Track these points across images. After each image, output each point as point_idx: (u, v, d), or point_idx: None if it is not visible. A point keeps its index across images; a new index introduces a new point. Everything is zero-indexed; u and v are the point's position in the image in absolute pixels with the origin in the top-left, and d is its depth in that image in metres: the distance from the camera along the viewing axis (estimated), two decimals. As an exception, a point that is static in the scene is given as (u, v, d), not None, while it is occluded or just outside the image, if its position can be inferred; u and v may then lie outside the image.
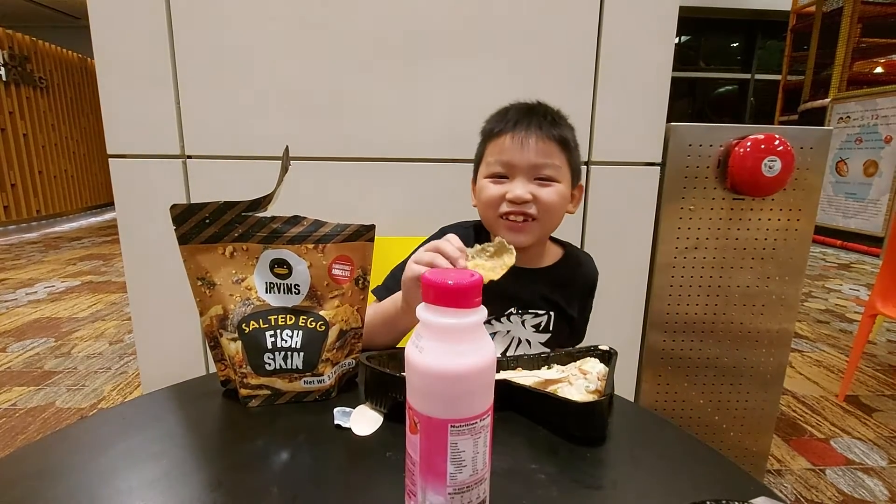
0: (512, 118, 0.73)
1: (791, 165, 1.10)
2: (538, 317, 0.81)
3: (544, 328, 0.81)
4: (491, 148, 0.75)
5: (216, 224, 0.55)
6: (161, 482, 0.43)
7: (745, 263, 1.21)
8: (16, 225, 5.45)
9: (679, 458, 0.50)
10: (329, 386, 0.58)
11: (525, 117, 0.73)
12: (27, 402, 1.81)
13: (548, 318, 0.81)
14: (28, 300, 3.00)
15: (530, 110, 0.74)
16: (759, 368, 1.27)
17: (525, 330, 0.80)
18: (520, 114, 0.73)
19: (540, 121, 0.72)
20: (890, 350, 2.43)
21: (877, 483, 1.41)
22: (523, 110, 0.74)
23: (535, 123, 0.72)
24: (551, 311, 0.81)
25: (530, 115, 0.73)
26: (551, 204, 0.72)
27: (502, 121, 0.74)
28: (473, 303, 0.34)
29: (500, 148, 0.73)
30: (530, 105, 0.76)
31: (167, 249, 0.61)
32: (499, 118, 0.75)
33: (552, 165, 0.72)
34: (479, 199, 0.76)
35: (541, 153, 0.71)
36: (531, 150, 0.71)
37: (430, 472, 0.34)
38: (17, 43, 5.44)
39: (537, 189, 0.72)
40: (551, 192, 0.72)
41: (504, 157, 0.72)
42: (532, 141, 0.71)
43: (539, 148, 0.71)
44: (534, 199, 0.71)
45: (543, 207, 0.72)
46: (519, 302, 0.79)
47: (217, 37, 1.02)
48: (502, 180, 0.73)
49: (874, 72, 5.07)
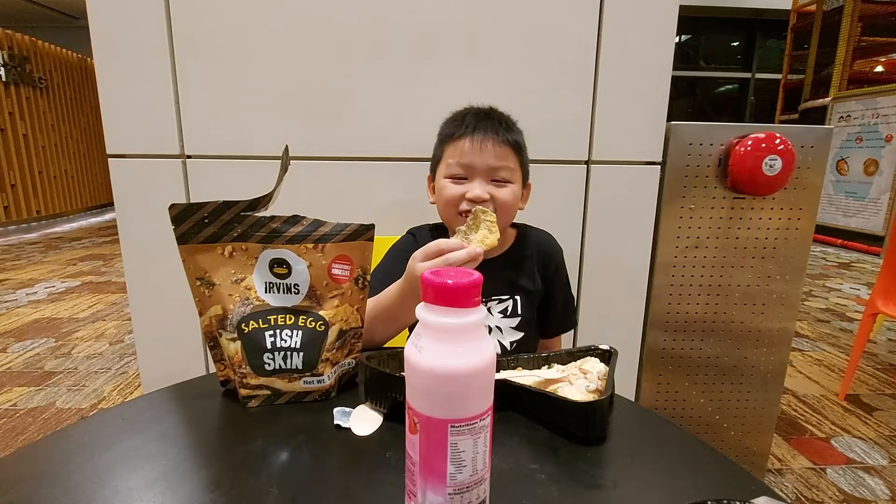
0: (470, 123, 0.78)
1: (791, 164, 1.10)
2: (503, 302, 0.85)
3: (512, 312, 0.85)
4: (450, 150, 0.80)
5: (215, 224, 0.55)
6: (161, 482, 0.43)
7: (745, 262, 1.21)
8: (16, 225, 5.45)
9: (679, 457, 0.50)
10: (329, 386, 0.58)
11: (482, 122, 0.78)
12: (27, 403, 1.81)
13: (513, 303, 0.85)
14: (28, 300, 3.00)
15: (487, 116, 0.80)
16: (760, 368, 1.26)
17: (493, 317, 0.84)
18: (477, 119, 0.79)
19: (496, 126, 0.78)
20: (890, 349, 2.43)
21: (878, 482, 1.41)
22: (480, 116, 0.80)
23: (491, 129, 0.78)
24: (516, 296, 0.85)
25: (487, 120, 0.79)
26: (506, 203, 0.79)
27: (461, 125, 0.79)
28: (473, 302, 0.34)
29: (459, 151, 0.78)
30: (486, 111, 0.82)
31: (167, 249, 0.61)
32: (457, 122, 0.80)
33: (507, 168, 0.78)
34: (440, 197, 0.81)
35: (498, 156, 0.77)
36: (489, 154, 0.77)
37: (429, 472, 0.34)
38: (16, 43, 5.44)
39: (494, 189, 0.78)
40: (507, 192, 0.79)
41: (464, 159, 0.77)
42: (490, 145, 0.77)
43: (496, 152, 0.77)
44: (491, 198, 0.77)
45: (500, 206, 0.77)
46: (482, 291, 0.81)
47: (216, 36, 1.01)
48: (461, 181, 0.79)
49: (875, 71, 5.07)
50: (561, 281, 0.92)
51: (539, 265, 0.88)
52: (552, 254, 0.90)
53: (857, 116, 4.54)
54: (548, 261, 0.89)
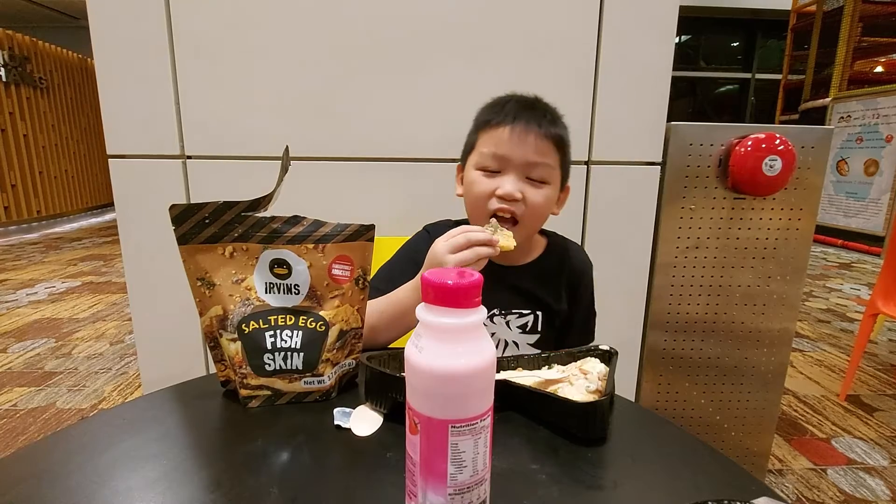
0: (511, 111, 0.70)
1: (792, 165, 1.10)
2: (523, 317, 0.78)
3: (531, 329, 0.78)
4: (485, 138, 0.72)
5: (216, 224, 0.55)
6: (161, 483, 0.43)
7: (745, 263, 1.21)
8: (16, 225, 5.45)
9: (680, 457, 0.50)
10: (329, 386, 0.58)
11: (525, 111, 0.70)
12: (28, 403, 1.81)
13: (534, 319, 0.78)
14: (28, 301, 3.01)
15: (531, 105, 0.72)
16: (760, 368, 1.26)
17: (511, 331, 0.78)
18: (519, 107, 0.71)
19: (540, 118, 0.70)
20: (891, 349, 2.43)
21: (878, 483, 1.41)
22: (523, 104, 0.72)
23: (534, 119, 0.70)
24: (538, 311, 0.78)
25: (531, 110, 0.71)
26: (538, 206, 0.71)
27: (500, 112, 0.71)
28: (473, 303, 0.33)
29: (495, 140, 0.70)
30: (530, 100, 0.74)
31: (167, 250, 0.61)
32: (496, 109, 0.72)
33: (546, 165, 0.70)
34: (468, 192, 0.74)
35: (538, 151, 0.69)
36: (528, 147, 0.69)
37: (430, 472, 0.34)
38: (16, 43, 5.44)
39: (527, 188, 0.70)
40: (540, 194, 0.71)
41: (500, 150, 0.70)
42: (531, 137, 0.69)
43: (536, 145, 0.69)
44: (522, 198, 0.69)
45: (530, 210, 0.70)
46: (502, 302, 0.77)
47: (217, 37, 1.02)
48: (493, 174, 0.71)
49: (875, 71, 5.06)
50: (588, 299, 0.84)
51: (567, 284, 0.81)
52: (584, 272, 0.83)
53: (857, 117, 4.54)
54: (578, 280, 0.82)
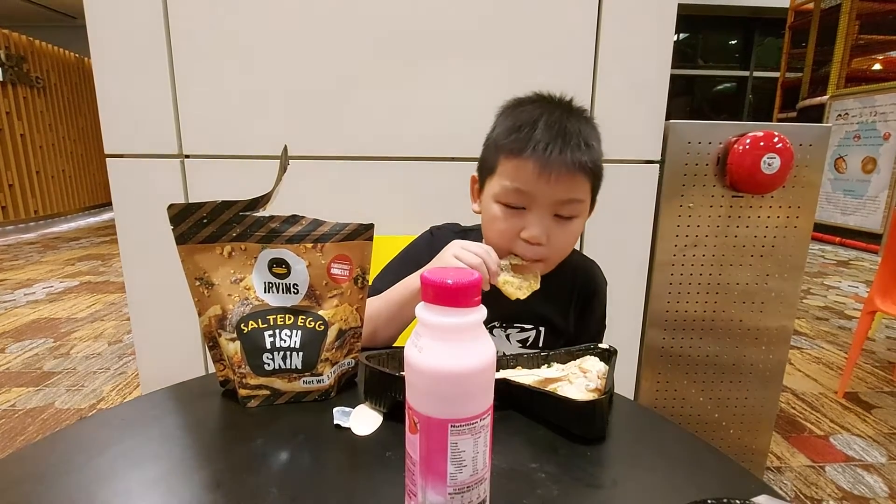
0: (541, 138, 0.61)
1: (790, 162, 1.10)
2: (525, 332, 0.75)
3: (532, 344, 0.75)
4: (508, 167, 0.63)
5: (214, 223, 0.55)
6: (160, 483, 0.43)
7: (744, 261, 1.21)
8: (14, 225, 5.43)
9: (679, 456, 0.50)
10: (328, 386, 0.58)
11: (555, 139, 0.61)
12: (26, 403, 1.81)
13: (536, 335, 0.75)
14: (26, 301, 3.00)
15: (562, 130, 0.62)
16: (759, 366, 1.27)
17: (510, 346, 0.75)
18: (551, 133, 0.61)
19: (572, 146, 0.61)
20: (889, 347, 2.43)
21: (876, 480, 1.41)
22: (553, 128, 0.62)
23: (566, 150, 0.60)
24: (540, 327, 0.75)
25: (562, 137, 0.61)
26: (564, 246, 0.67)
27: (528, 138, 0.61)
28: (473, 302, 0.33)
29: (520, 172, 0.62)
30: (560, 119, 0.63)
31: (165, 249, 0.61)
32: (524, 132, 0.62)
33: (576, 200, 0.63)
34: (489, 227, 0.68)
35: (568, 188, 0.62)
36: (558, 185, 0.61)
37: (430, 471, 0.34)
38: (13, 43, 5.42)
39: (554, 227, 0.64)
40: (568, 231, 0.65)
41: (525, 186, 0.62)
42: (561, 174, 0.60)
43: (566, 182, 0.61)
44: (547, 240, 0.63)
45: (556, 250, 0.66)
46: (503, 315, 0.75)
47: (215, 36, 1.01)
48: (518, 211, 0.64)
49: (872, 69, 5.07)
50: (599, 317, 0.80)
51: (576, 303, 0.76)
52: (595, 291, 0.77)
53: (854, 114, 4.55)
54: (588, 299, 0.77)
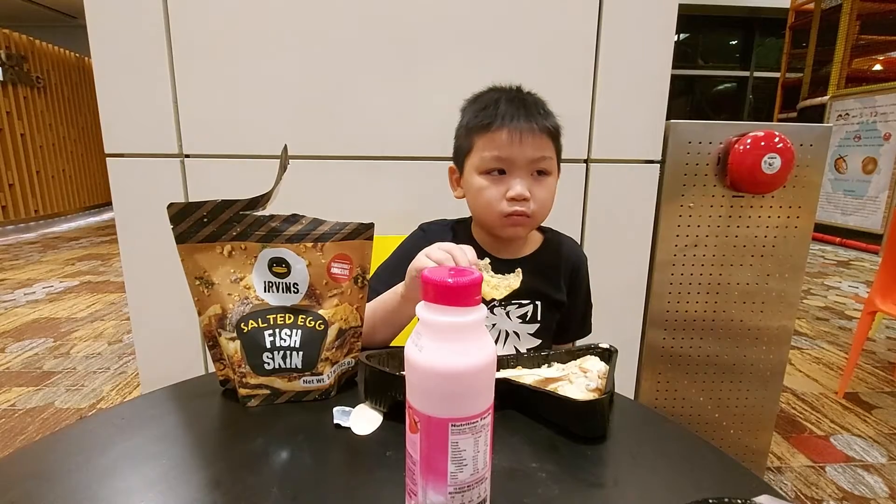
0: (505, 112, 0.71)
1: (791, 163, 1.10)
2: (522, 307, 0.80)
3: (531, 318, 0.81)
4: (483, 142, 0.73)
5: (214, 223, 0.55)
6: (160, 482, 0.43)
7: (744, 261, 1.21)
8: (14, 225, 5.43)
9: (680, 455, 0.50)
10: (328, 385, 0.58)
11: (518, 110, 0.71)
12: (26, 403, 1.81)
13: (533, 308, 0.81)
14: (26, 300, 3.00)
15: (521, 102, 0.73)
16: (759, 366, 1.27)
17: (511, 322, 0.80)
18: (511, 106, 0.72)
19: (533, 114, 0.72)
20: (889, 347, 2.43)
21: (877, 480, 1.41)
22: (513, 101, 0.72)
23: (531, 117, 0.71)
24: (537, 301, 0.81)
25: (522, 107, 0.72)
26: (546, 200, 0.74)
27: (494, 114, 0.71)
28: (473, 301, 0.33)
29: (495, 143, 0.71)
30: (518, 95, 0.74)
31: (166, 249, 0.61)
32: (488, 111, 0.72)
33: (547, 158, 0.73)
34: (477, 200, 0.75)
35: (537, 147, 0.71)
36: (529, 146, 0.71)
37: (430, 471, 0.34)
38: (14, 43, 5.42)
39: (534, 185, 0.72)
40: (546, 187, 0.74)
41: (502, 152, 0.71)
42: (531, 135, 0.70)
43: (535, 143, 0.71)
44: (531, 195, 0.72)
45: (539, 204, 0.73)
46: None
47: (215, 35, 1.01)
48: (500, 176, 0.73)
49: (873, 69, 5.07)
50: (585, 290, 0.87)
51: (566, 276, 0.83)
52: (580, 265, 0.85)
53: (855, 115, 4.54)
54: (576, 272, 0.84)
